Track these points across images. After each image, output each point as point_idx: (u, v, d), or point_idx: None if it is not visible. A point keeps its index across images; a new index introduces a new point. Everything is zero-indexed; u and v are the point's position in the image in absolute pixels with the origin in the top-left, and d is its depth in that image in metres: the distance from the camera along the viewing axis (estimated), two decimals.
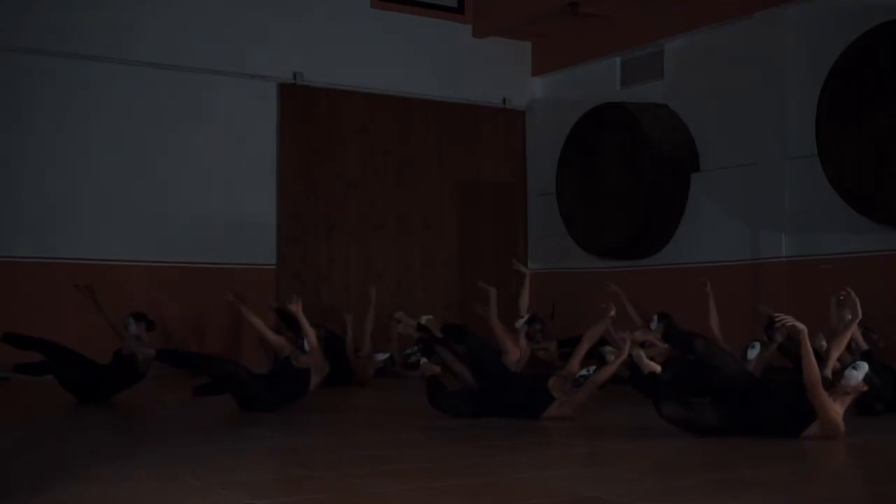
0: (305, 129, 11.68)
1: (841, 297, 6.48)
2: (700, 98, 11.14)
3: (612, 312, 7.07)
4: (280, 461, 5.28)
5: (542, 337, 10.08)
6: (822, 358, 6.14)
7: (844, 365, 5.83)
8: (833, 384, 5.70)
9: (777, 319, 5.81)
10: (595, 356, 8.59)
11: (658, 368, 6.57)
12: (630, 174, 11.10)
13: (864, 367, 5.66)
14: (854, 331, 7.43)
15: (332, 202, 11.79)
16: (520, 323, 9.08)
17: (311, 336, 7.22)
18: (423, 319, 8.72)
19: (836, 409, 5.64)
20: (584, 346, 6.95)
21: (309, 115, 11.69)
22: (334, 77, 11.79)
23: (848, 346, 7.70)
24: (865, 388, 5.65)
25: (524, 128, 13.07)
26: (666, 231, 11.19)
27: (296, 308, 7.26)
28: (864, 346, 7.53)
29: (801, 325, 5.65)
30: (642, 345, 8.04)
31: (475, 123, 12.71)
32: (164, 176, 10.88)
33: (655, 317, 9.33)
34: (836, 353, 6.02)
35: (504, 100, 12.88)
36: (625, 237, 11.22)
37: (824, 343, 7.56)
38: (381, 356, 10.28)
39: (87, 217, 10.49)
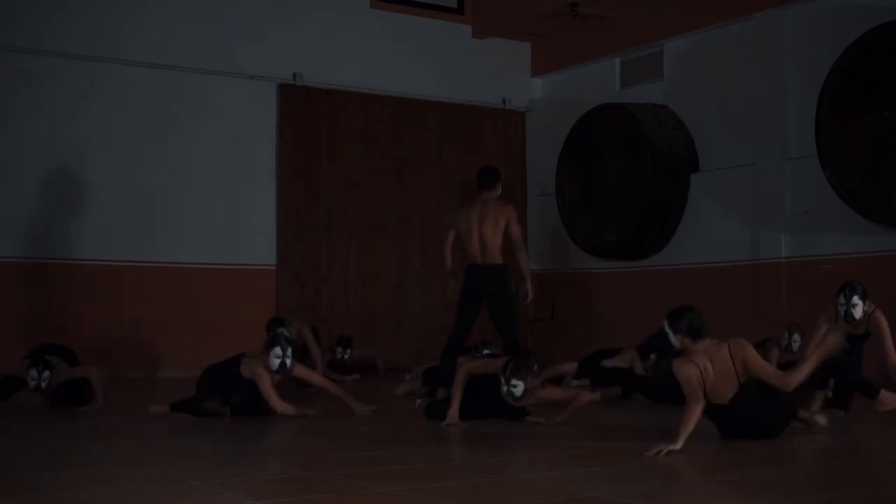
0: (305, 129, 11.68)
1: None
2: (700, 98, 11.14)
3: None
4: (280, 461, 5.28)
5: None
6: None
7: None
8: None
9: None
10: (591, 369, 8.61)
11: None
12: (630, 174, 11.11)
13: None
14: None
15: (332, 202, 11.79)
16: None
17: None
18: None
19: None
20: (559, 395, 6.91)
21: (309, 115, 11.69)
22: (334, 77, 11.80)
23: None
24: None
25: (524, 128, 13.07)
26: (666, 231, 11.19)
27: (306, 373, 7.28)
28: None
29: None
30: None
31: (475, 123, 12.71)
32: (164, 175, 10.89)
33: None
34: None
35: (504, 100, 12.88)
36: (625, 237, 11.22)
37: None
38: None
39: (86, 217, 10.49)
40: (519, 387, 6.36)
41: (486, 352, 8.89)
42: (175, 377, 9.74)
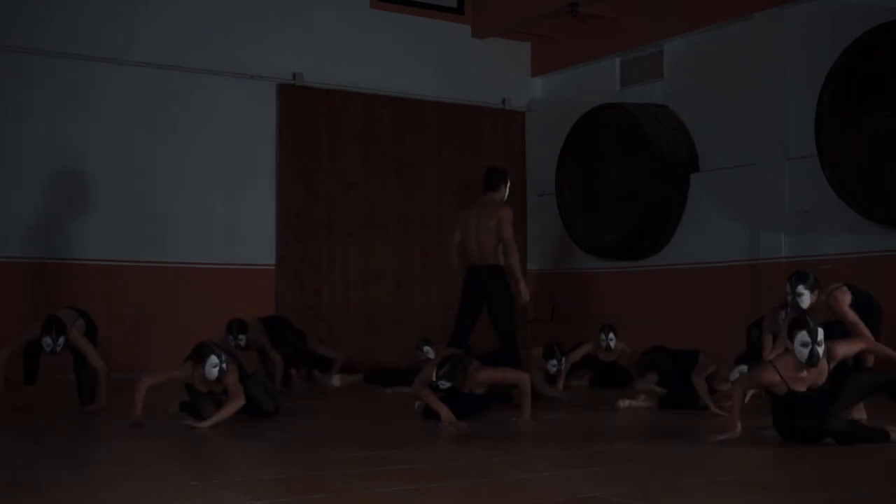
0: (305, 129, 11.68)
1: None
2: (700, 98, 11.14)
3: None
4: (280, 461, 5.28)
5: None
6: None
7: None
8: None
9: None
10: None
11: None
12: (630, 174, 11.11)
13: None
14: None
15: (331, 202, 11.79)
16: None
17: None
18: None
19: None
20: (497, 376, 7.07)
21: (309, 115, 11.69)
22: (334, 77, 11.79)
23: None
24: None
25: (524, 128, 13.07)
26: (666, 231, 11.19)
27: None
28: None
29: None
30: None
31: (475, 123, 12.71)
32: (164, 176, 10.89)
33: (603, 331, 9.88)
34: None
35: (504, 100, 12.88)
36: (625, 237, 11.22)
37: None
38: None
39: (86, 217, 10.49)
40: (444, 385, 6.74)
41: (426, 349, 9.47)
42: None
